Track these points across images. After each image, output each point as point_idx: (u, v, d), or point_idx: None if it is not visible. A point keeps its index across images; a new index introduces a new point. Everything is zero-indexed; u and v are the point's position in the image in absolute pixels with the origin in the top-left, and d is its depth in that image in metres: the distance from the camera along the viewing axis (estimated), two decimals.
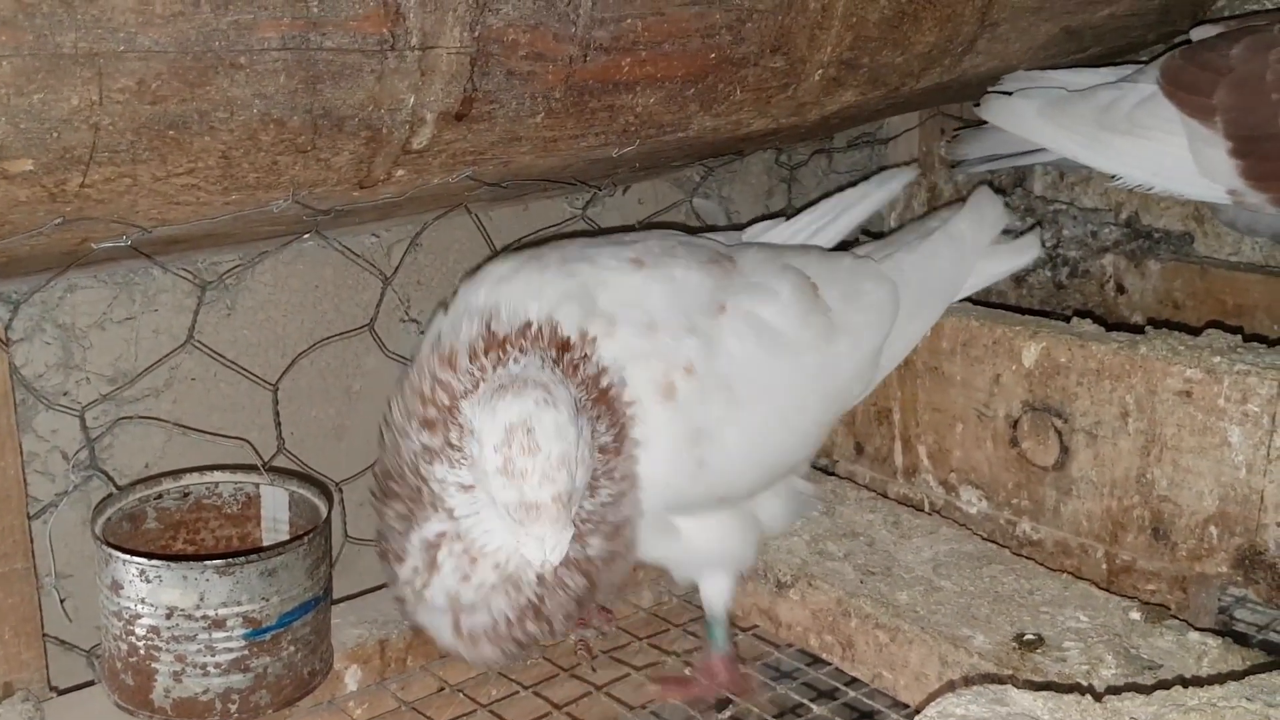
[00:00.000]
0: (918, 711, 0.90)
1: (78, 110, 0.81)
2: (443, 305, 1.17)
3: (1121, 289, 1.70)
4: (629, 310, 1.08)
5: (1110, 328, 1.26)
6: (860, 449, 1.46)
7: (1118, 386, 1.20)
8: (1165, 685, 0.88)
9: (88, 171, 0.85)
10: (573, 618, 1.08)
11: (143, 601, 1.04)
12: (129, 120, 0.83)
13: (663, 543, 1.11)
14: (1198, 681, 0.95)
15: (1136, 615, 1.12)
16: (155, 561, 1.03)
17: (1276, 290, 1.55)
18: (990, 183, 1.80)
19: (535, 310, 1.05)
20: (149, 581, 1.03)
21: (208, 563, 1.04)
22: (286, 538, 1.21)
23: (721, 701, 1.16)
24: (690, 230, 1.35)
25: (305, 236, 1.24)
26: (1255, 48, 1.28)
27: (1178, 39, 1.53)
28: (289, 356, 1.32)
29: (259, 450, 1.27)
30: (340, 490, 1.32)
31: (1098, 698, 0.85)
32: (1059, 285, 1.74)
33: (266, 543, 1.23)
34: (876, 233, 1.63)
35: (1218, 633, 1.09)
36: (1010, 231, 1.43)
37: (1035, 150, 1.45)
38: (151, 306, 1.25)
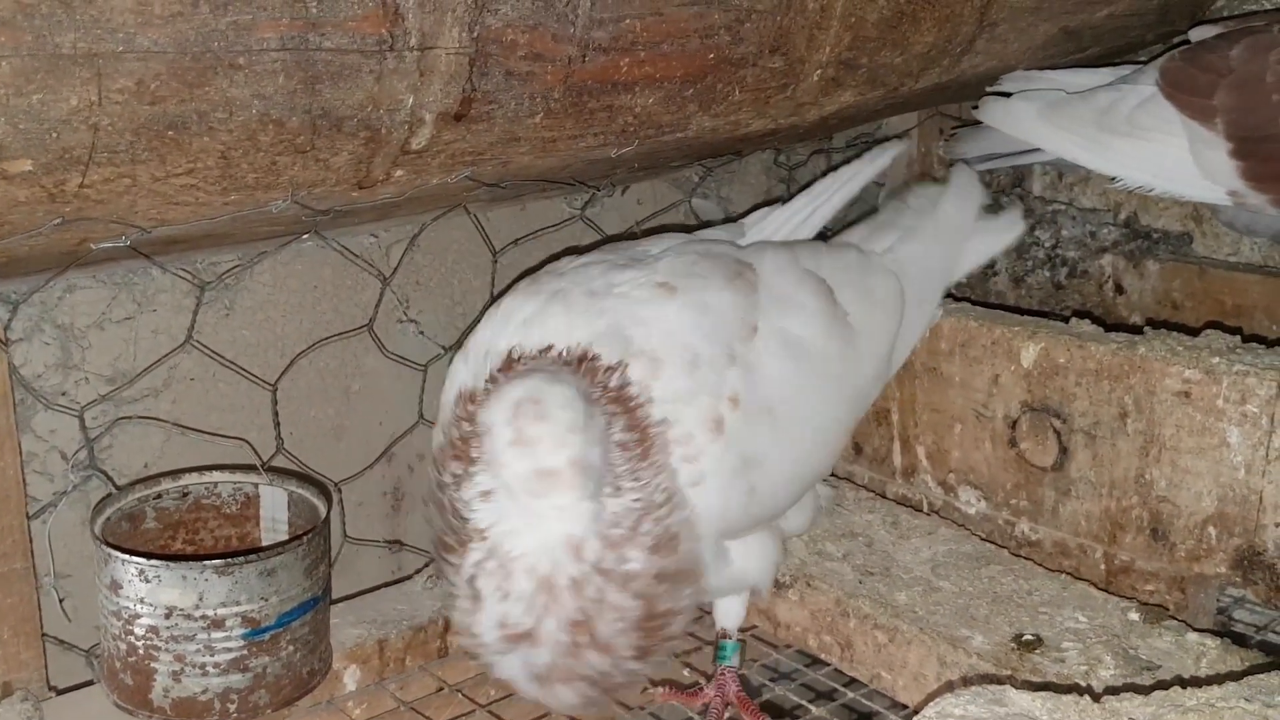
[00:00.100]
0: (916, 712, 0.90)
1: (77, 111, 0.81)
2: (455, 347, 1.14)
3: (1120, 289, 1.70)
4: (670, 348, 1.05)
5: (1109, 328, 1.26)
6: (859, 449, 1.46)
7: (1116, 387, 1.20)
8: (1164, 686, 0.88)
9: (87, 172, 0.85)
10: (646, 651, 1.01)
11: (142, 601, 1.04)
12: (128, 121, 0.83)
13: (724, 571, 1.09)
14: (1196, 682, 0.96)
15: (1135, 616, 1.12)
16: (154, 561, 1.04)
17: (1275, 291, 1.55)
18: (989, 184, 1.81)
19: (568, 345, 1.03)
20: (148, 581, 1.03)
21: (207, 563, 1.04)
22: (285, 538, 1.21)
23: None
24: (689, 231, 1.34)
25: (304, 237, 1.24)
26: (1255, 49, 1.28)
27: (1176, 39, 1.53)
28: (288, 356, 1.32)
29: (258, 450, 1.27)
30: (339, 490, 1.32)
31: (1096, 698, 0.85)
32: (1058, 285, 1.74)
33: (265, 543, 1.23)
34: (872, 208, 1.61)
35: (1216, 633, 1.09)
36: (989, 207, 1.43)
37: (1033, 150, 1.45)
38: (150, 306, 1.25)
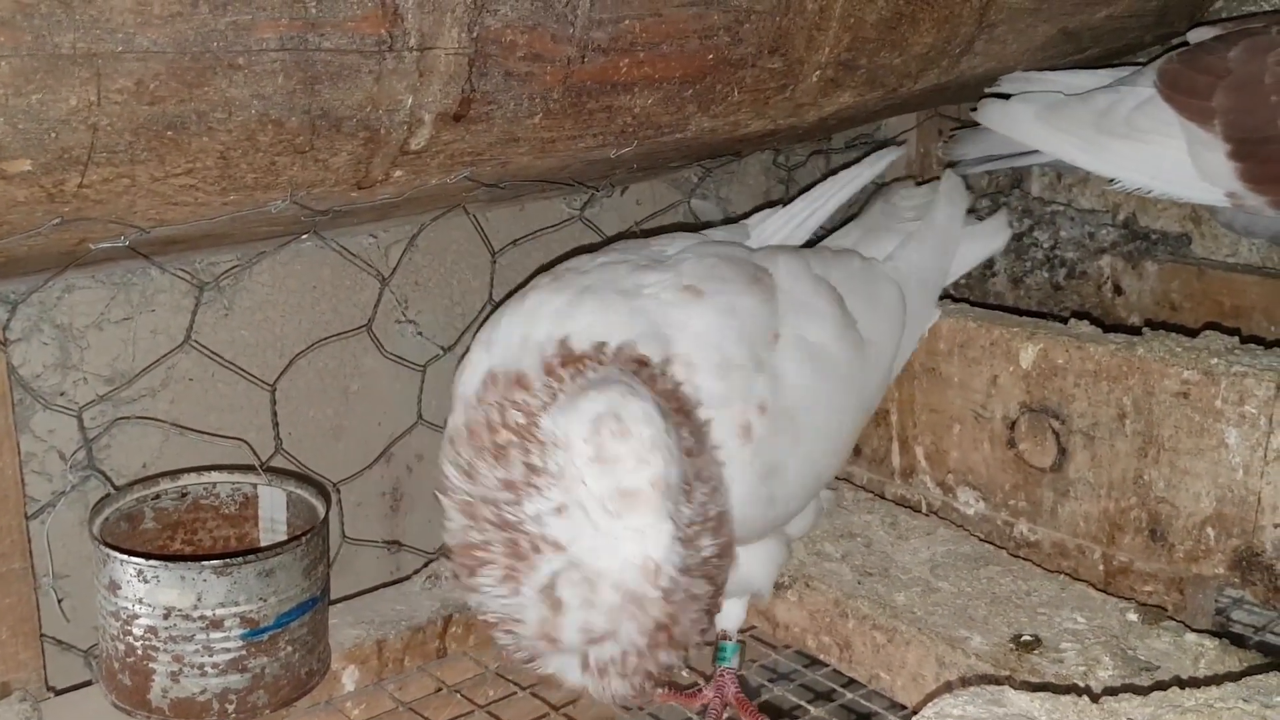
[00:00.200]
0: (915, 712, 0.90)
1: (76, 111, 0.80)
2: (454, 348, 1.12)
3: (1119, 290, 1.70)
4: (703, 351, 1.05)
5: (1108, 329, 1.26)
6: (858, 450, 1.46)
7: (1115, 388, 1.20)
8: (1162, 686, 0.88)
9: (86, 172, 0.85)
10: (707, 633, 1.03)
11: (140, 602, 1.04)
12: (127, 121, 0.83)
13: (732, 574, 1.08)
14: (1195, 683, 0.96)
15: (1134, 616, 1.12)
16: (153, 562, 1.04)
17: (1274, 291, 1.55)
18: (989, 184, 1.81)
19: (609, 340, 1.03)
20: (146, 582, 1.03)
21: (205, 563, 1.04)
22: (284, 538, 1.21)
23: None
24: (688, 230, 1.34)
25: (303, 237, 1.24)
26: (1253, 50, 1.28)
27: (1175, 41, 1.53)
28: (287, 357, 1.32)
29: (257, 450, 1.27)
30: (338, 490, 1.32)
31: (1095, 699, 0.86)
32: (1056, 286, 1.74)
33: (264, 543, 1.23)
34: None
35: (1215, 634, 1.09)
36: (972, 211, 1.45)
37: (1032, 151, 1.45)
38: (149, 307, 1.25)
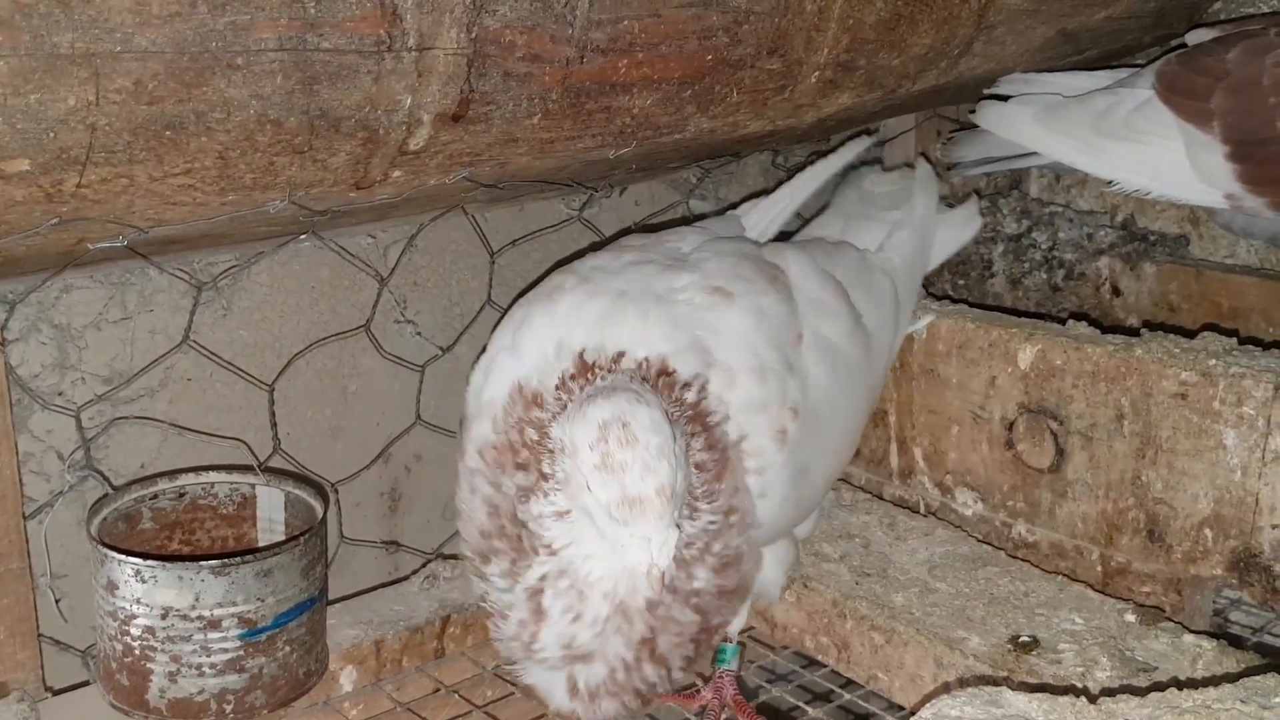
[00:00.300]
0: (913, 713, 0.90)
1: (74, 110, 0.80)
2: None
3: (1117, 291, 1.70)
4: (741, 356, 1.05)
5: (1106, 330, 1.26)
6: (856, 450, 1.46)
7: (1113, 389, 1.20)
8: (1160, 687, 0.88)
9: (84, 172, 0.85)
10: (691, 661, 1.04)
11: (138, 602, 1.04)
12: (125, 121, 0.83)
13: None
14: (1192, 684, 0.96)
15: (1131, 617, 1.12)
16: (151, 562, 1.03)
17: (1272, 293, 1.55)
18: (988, 185, 1.81)
19: (647, 354, 1.02)
20: (144, 582, 1.03)
21: (203, 563, 1.04)
22: (282, 538, 1.21)
23: None
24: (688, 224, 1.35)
25: (302, 237, 1.24)
26: (1251, 52, 1.28)
27: (1174, 42, 1.53)
28: (285, 357, 1.32)
29: (255, 451, 1.27)
30: (336, 491, 1.32)
31: (1092, 700, 0.86)
32: (1054, 288, 1.74)
33: (262, 543, 1.23)
34: None
35: (1212, 635, 1.09)
36: (943, 199, 1.47)
37: (1031, 153, 1.45)
38: (147, 307, 1.25)
